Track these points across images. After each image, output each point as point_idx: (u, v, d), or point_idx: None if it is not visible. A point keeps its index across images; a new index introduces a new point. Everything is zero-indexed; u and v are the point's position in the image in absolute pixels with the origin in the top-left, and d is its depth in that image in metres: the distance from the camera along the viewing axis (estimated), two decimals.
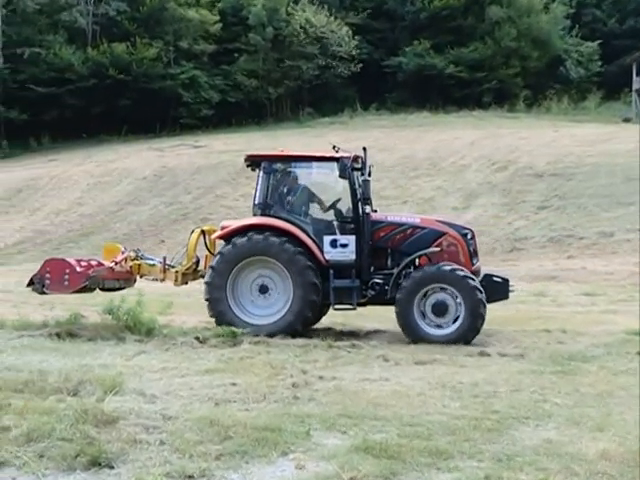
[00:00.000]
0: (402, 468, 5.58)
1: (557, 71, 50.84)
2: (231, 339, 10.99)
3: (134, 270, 12.98)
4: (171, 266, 12.93)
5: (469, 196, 30.17)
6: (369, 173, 12.09)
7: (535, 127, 39.34)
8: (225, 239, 12.12)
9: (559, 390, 8.18)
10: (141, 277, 13.20)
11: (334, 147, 12.19)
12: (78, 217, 32.94)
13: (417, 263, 12.02)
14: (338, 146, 12.27)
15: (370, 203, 12.05)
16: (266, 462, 5.70)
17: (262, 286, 11.96)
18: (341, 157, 11.86)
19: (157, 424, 6.45)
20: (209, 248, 12.81)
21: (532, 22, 50.79)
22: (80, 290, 12.55)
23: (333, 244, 11.88)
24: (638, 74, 45.84)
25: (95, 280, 12.36)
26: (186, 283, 12.97)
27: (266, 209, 12.16)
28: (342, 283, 11.78)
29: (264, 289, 11.95)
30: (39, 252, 27.50)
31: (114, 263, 12.76)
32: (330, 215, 12.43)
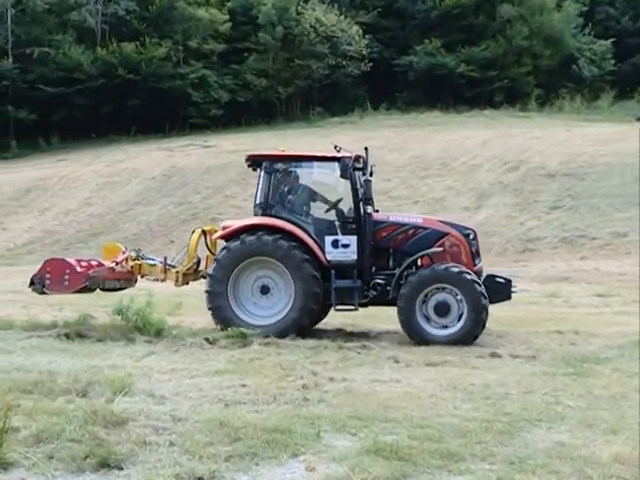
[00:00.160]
0: (413, 470, 5.58)
1: (570, 70, 50.34)
2: (241, 340, 11.01)
3: (135, 270, 12.93)
4: (172, 266, 12.89)
5: (481, 196, 30.03)
6: (371, 173, 12.04)
7: (547, 126, 39.09)
8: (226, 239, 12.07)
9: (572, 392, 8.14)
10: (142, 277, 13.15)
11: (336, 147, 12.13)
12: (87, 217, 32.91)
13: (419, 263, 11.95)
14: (340, 146, 12.19)
15: (372, 203, 11.97)
16: (276, 464, 5.71)
17: (263, 287, 11.90)
18: (342, 157, 11.81)
19: (167, 425, 6.48)
20: (210, 248, 12.76)
21: (544, 20, 50.39)
22: (80, 290, 12.50)
23: (335, 244, 11.85)
24: None
25: (95, 280, 12.32)
26: (187, 283, 12.93)
27: (267, 209, 12.14)
28: (343, 283, 11.75)
29: (265, 289, 11.90)
30: (48, 252, 27.28)
31: (115, 263, 12.71)
32: (332, 215, 12.34)
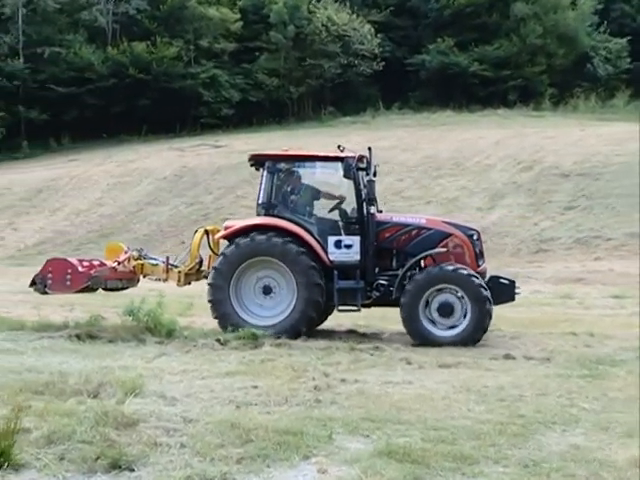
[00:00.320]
0: (426, 473, 5.56)
1: (584, 68, 49.84)
2: (252, 341, 11.00)
3: (137, 270, 12.89)
4: (174, 266, 12.84)
5: (494, 196, 29.73)
6: (374, 173, 11.98)
7: (561, 126, 38.69)
8: (229, 239, 12.02)
9: (587, 395, 8.10)
10: (144, 277, 13.11)
11: (339, 147, 12.08)
12: (98, 218, 32.87)
13: (422, 264, 11.90)
14: (343, 146, 12.14)
15: (375, 203, 11.93)
16: (288, 466, 5.70)
17: (266, 287, 11.85)
18: (346, 157, 11.78)
19: (178, 427, 6.48)
20: (212, 248, 12.69)
21: (559, 18, 49.92)
22: (82, 290, 12.50)
23: (337, 245, 11.81)
24: None
25: (97, 280, 12.31)
26: (189, 283, 12.89)
27: (270, 209, 12.10)
28: (346, 284, 11.72)
29: (268, 290, 11.85)
30: (59, 253, 27.14)
31: (117, 263, 12.67)
32: (335, 215, 12.28)
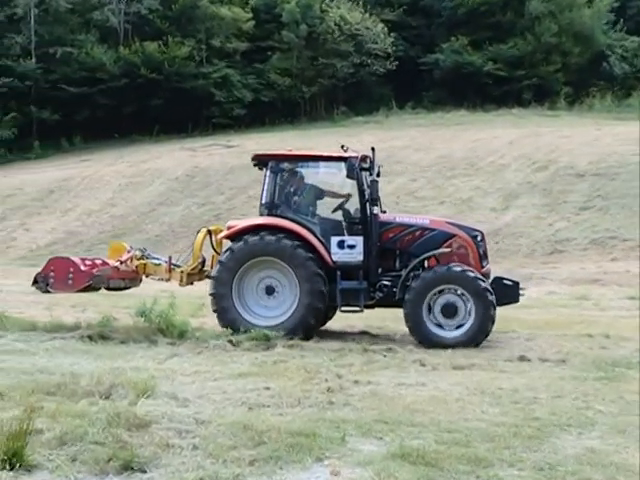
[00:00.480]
0: (440, 476, 5.53)
1: (600, 67, 49.41)
2: (264, 342, 11.01)
3: (140, 270, 12.86)
4: (177, 266, 12.81)
5: (508, 196, 29.46)
6: (378, 174, 11.98)
7: (577, 125, 38.36)
8: (231, 239, 11.99)
9: (603, 397, 8.04)
10: (147, 277, 13.09)
11: (342, 146, 12.04)
12: (110, 218, 32.83)
13: (426, 265, 11.87)
14: (347, 145, 12.12)
15: (379, 204, 11.88)
16: (300, 468, 5.69)
17: (268, 287, 11.81)
18: (349, 157, 11.73)
19: (190, 428, 6.47)
20: (215, 248, 12.66)
21: (574, 16, 49.55)
22: (85, 289, 12.48)
23: (340, 245, 11.77)
24: None
25: (100, 279, 12.29)
26: (191, 283, 12.85)
27: (273, 209, 12.06)
28: (349, 285, 11.68)
29: (270, 290, 11.81)
30: (71, 253, 26.65)
31: (119, 262, 12.63)
32: (338, 216, 12.23)
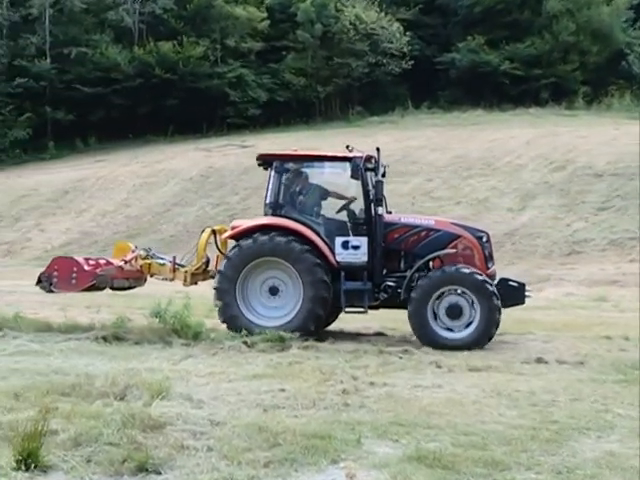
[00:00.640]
0: (456, 479, 5.51)
1: (619, 66, 48.80)
2: (279, 344, 11.00)
3: (144, 269, 12.84)
4: (181, 265, 12.80)
5: (525, 197, 29.24)
6: (383, 174, 11.91)
7: (595, 125, 37.99)
8: (235, 239, 11.98)
9: (622, 400, 8.01)
10: (151, 276, 13.08)
11: (347, 147, 11.97)
12: (124, 218, 32.89)
13: (431, 266, 11.84)
14: (352, 146, 12.04)
15: (384, 204, 11.81)
16: (316, 470, 5.68)
17: (272, 287, 11.78)
18: (353, 157, 11.71)
19: (205, 430, 6.46)
20: (219, 248, 12.62)
21: (592, 15, 48.96)
22: (88, 289, 12.47)
23: (345, 245, 11.74)
24: None
25: (103, 279, 12.30)
26: (195, 283, 12.90)
27: (277, 209, 12.02)
28: (353, 285, 11.70)
29: (274, 290, 11.78)
30: (85, 254, 26.81)
31: (123, 262, 12.65)
32: (342, 216, 12.21)
